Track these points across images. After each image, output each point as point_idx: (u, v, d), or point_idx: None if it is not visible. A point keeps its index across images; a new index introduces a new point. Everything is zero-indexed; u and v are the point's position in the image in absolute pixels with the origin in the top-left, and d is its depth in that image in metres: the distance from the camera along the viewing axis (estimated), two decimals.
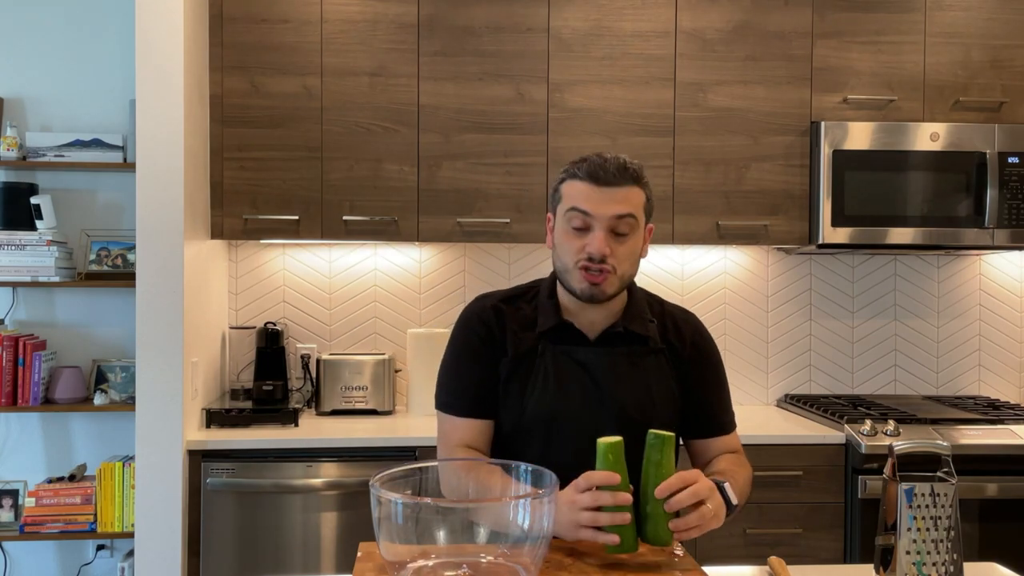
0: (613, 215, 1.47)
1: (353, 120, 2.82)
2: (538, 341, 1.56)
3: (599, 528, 1.28)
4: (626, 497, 1.29)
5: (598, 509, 1.28)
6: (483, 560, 1.19)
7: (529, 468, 1.26)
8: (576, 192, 1.50)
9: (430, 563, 1.18)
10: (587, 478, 1.30)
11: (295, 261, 3.16)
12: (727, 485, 1.40)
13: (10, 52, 3.03)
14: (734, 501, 1.40)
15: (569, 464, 1.44)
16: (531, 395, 1.53)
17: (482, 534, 1.16)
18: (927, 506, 1.27)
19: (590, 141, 2.87)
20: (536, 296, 1.62)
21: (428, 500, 1.15)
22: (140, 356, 2.52)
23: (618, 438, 1.32)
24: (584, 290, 1.49)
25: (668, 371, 1.58)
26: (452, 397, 1.60)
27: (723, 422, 1.64)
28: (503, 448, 1.58)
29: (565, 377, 1.53)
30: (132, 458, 2.82)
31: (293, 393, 3.07)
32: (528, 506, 1.13)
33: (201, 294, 2.75)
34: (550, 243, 1.57)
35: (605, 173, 1.47)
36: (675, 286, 3.24)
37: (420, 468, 1.29)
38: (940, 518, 1.27)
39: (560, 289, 1.59)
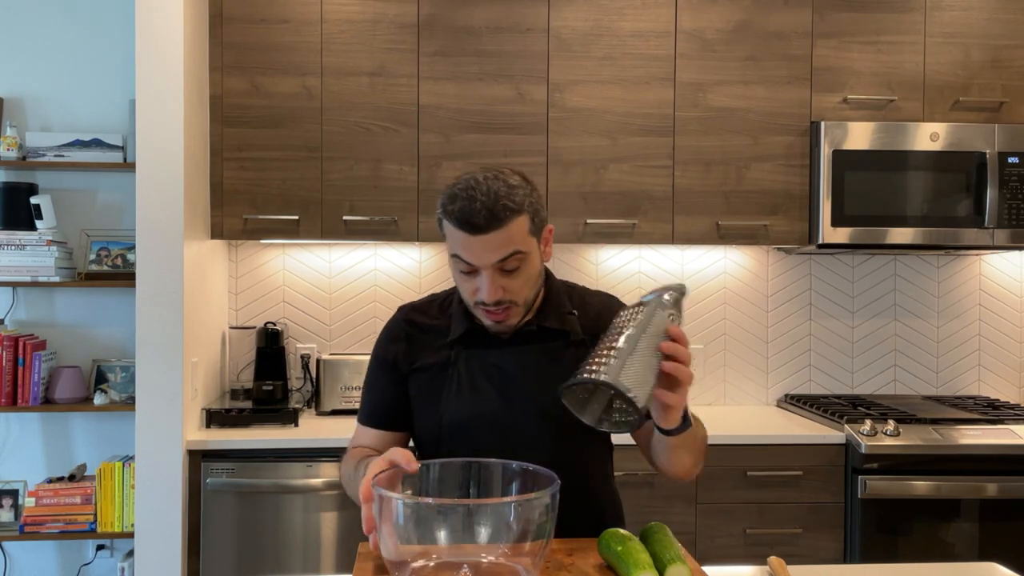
0: (495, 261, 1.41)
1: (353, 120, 2.82)
2: (451, 348, 1.54)
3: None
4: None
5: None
6: (484, 560, 1.18)
7: (528, 467, 1.26)
8: (454, 238, 1.42)
9: (431, 563, 1.18)
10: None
11: (295, 261, 3.16)
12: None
13: (10, 52, 3.03)
14: (689, 423, 1.38)
15: None
16: (447, 403, 1.51)
17: (483, 534, 1.16)
18: (627, 321, 1.28)
19: (590, 141, 2.87)
20: (451, 304, 1.59)
21: (429, 500, 1.15)
22: (140, 356, 2.52)
23: None
24: (490, 326, 1.49)
25: None
26: (363, 408, 1.61)
27: None
28: (426, 459, 1.55)
29: (479, 381, 1.51)
30: (132, 458, 2.82)
31: (293, 393, 3.07)
32: (525, 506, 1.14)
33: (201, 294, 2.75)
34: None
35: (476, 218, 1.37)
36: None
37: (422, 467, 1.29)
38: (627, 328, 1.26)
39: None
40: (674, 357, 1.25)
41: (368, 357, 3.14)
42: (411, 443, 1.63)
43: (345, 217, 2.81)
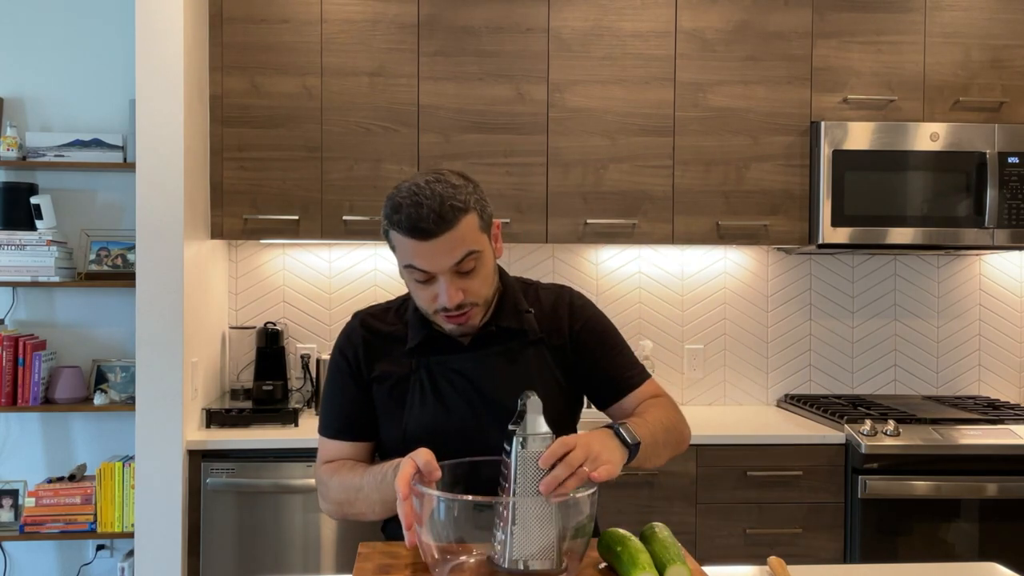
0: (451, 265, 1.38)
1: (353, 120, 2.82)
2: (411, 356, 1.51)
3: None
4: None
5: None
6: None
7: None
8: (405, 247, 1.39)
9: (471, 559, 1.20)
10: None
11: (295, 261, 3.16)
12: (623, 429, 1.35)
13: (10, 52, 3.03)
14: (630, 441, 1.34)
15: None
16: (411, 413, 1.49)
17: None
18: (500, 485, 1.22)
19: (590, 141, 2.87)
20: (407, 311, 1.56)
21: (468, 497, 1.16)
22: (140, 356, 2.52)
23: None
24: (453, 330, 1.47)
25: (549, 360, 1.54)
26: (324, 419, 1.59)
27: (628, 378, 1.58)
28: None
29: (444, 389, 1.49)
30: (132, 458, 2.82)
31: (293, 393, 3.07)
32: (562, 506, 1.15)
33: (201, 294, 2.75)
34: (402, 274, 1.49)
35: (425, 224, 1.35)
36: (675, 286, 3.24)
37: (468, 463, 1.30)
38: (503, 496, 1.19)
39: None
40: (556, 482, 1.18)
41: None
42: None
43: (345, 217, 2.81)
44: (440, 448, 1.36)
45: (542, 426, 1.21)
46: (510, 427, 1.23)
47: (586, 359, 1.57)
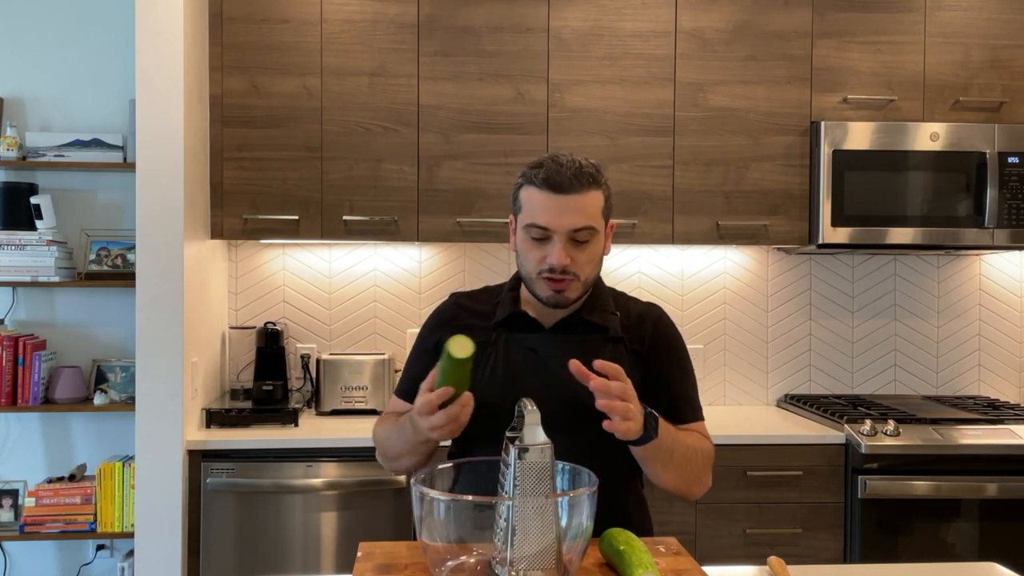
0: (571, 228, 1.48)
1: (353, 120, 2.82)
2: (493, 331, 1.59)
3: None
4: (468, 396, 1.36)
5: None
6: None
7: (567, 467, 1.27)
8: (534, 203, 1.49)
9: (471, 559, 1.20)
10: (428, 403, 1.36)
11: (295, 261, 3.16)
12: (655, 420, 1.42)
13: (10, 52, 3.03)
14: (651, 432, 1.39)
15: None
16: (481, 383, 1.53)
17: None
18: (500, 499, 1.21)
19: (590, 141, 2.87)
20: (501, 292, 1.66)
21: (468, 497, 1.17)
22: (140, 356, 2.52)
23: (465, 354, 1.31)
24: (548, 297, 1.52)
25: (627, 360, 1.57)
26: (401, 382, 1.70)
27: (684, 411, 1.65)
28: (455, 439, 1.57)
29: (516, 365, 1.55)
30: (132, 458, 2.82)
31: (293, 393, 3.07)
32: (566, 504, 1.16)
33: (201, 294, 2.75)
34: (514, 245, 1.59)
35: (561, 179, 1.46)
36: (675, 286, 3.24)
37: (468, 463, 1.33)
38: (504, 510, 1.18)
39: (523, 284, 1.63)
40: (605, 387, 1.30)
41: (369, 358, 3.17)
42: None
43: (345, 217, 2.81)
44: (501, 419, 1.41)
45: (540, 436, 1.21)
46: (508, 434, 1.23)
47: (657, 374, 1.62)
